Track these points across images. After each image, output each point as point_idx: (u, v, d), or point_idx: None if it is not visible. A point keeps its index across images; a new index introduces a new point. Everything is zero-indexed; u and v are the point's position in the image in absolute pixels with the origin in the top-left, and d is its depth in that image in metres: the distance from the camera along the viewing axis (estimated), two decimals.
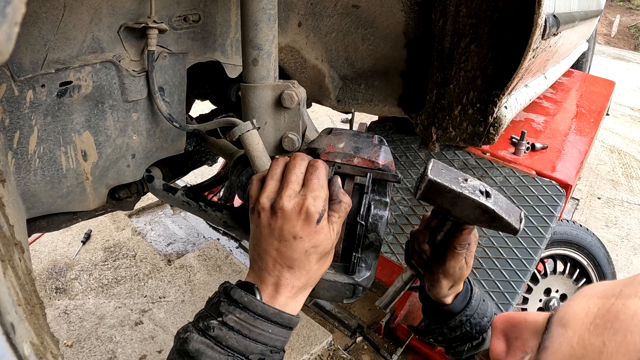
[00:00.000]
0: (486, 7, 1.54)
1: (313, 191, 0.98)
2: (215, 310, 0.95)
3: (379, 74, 1.91)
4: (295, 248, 0.97)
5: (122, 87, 1.35)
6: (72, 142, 1.33)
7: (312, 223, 0.97)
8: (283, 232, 0.97)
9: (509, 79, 1.57)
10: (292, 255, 0.98)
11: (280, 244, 0.98)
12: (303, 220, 0.96)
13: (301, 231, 0.97)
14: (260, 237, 1.01)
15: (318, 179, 0.99)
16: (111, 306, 3.29)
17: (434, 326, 1.42)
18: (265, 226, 0.99)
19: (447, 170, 1.08)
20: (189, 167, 1.95)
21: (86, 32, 1.23)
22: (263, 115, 1.36)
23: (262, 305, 0.94)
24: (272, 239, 0.99)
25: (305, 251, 0.98)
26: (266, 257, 1.00)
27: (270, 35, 1.30)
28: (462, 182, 1.07)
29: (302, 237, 0.97)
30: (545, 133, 2.72)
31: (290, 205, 0.97)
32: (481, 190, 1.07)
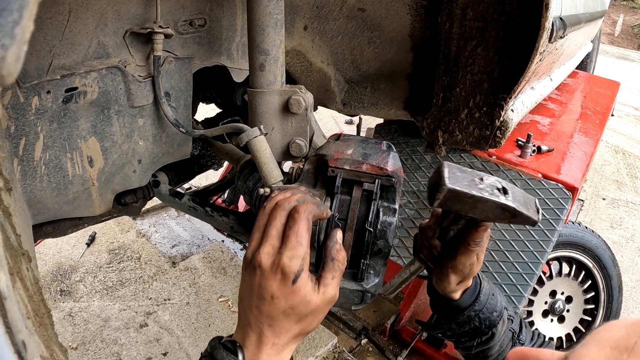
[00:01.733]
0: (493, 10, 1.53)
1: (289, 250, 0.94)
2: None
3: (385, 77, 1.90)
4: (273, 308, 0.95)
5: (128, 92, 1.34)
6: (78, 148, 1.32)
7: (287, 283, 0.94)
8: (261, 290, 0.95)
9: (515, 83, 1.56)
10: (271, 314, 0.96)
11: (259, 302, 0.96)
12: (279, 280, 0.94)
13: (278, 291, 0.94)
14: (243, 292, 1.01)
15: (296, 235, 0.95)
16: (116, 308, 3.30)
17: (442, 321, 1.40)
18: (247, 282, 0.99)
19: (462, 173, 1.04)
20: (194, 171, 1.95)
21: (92, 37, 1.23)
22: (270, 120, 1.35)
23: None
24: (252, 296, 0.97)
25: (283, 311, 0.95)
26: (248, 313, 0.98)
27: (277, 40, 1.29)
28: (479, 182, 1.03)
29: (279, 297, 0.94)
30: (551, 135, 2.71)
31: (268, 262, 0.95)
32: (498, 187, 1.03)
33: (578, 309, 2.99)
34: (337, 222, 1.09)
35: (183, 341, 3.08)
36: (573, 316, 2.99)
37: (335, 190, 1.08)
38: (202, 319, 3.25)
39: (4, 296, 0.56)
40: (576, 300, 2.96)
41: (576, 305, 2.98)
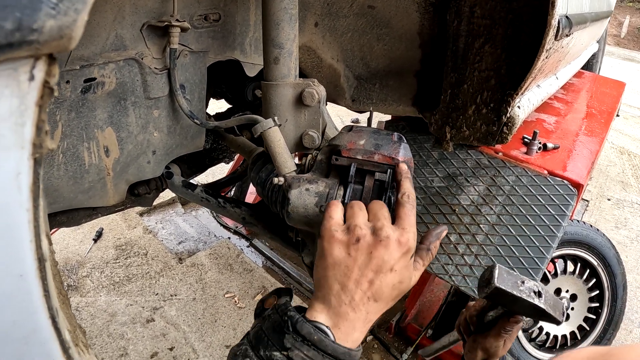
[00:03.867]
0: (500, 8, 1.55)
1: (413, 226, 0.97)
2: (278, 341, 0.89)
3: (394, 74, 1.92)
4: (389, 281, 0.94)
5: (145, 84, 1.37)
6: (95, 138, 1.35)
7: (408, 257, 0.96)
8: (382, 263, 0.93)
9: (522, 79, 1.58)
10: (383, 288, 0.94)
11: (375, 276, 0.93)
12: (403, 253, 0.94)
13: (397, 264, 0.94)
14: (353, 266, 0.95)
15: (414, 215, 0.99)
16: (123, 304, 3.32)
17: None
18: (364, 254, 0.94)
19: (508, 275, 1.19)
20: (206, 164, 1.98)
21: (109, 30, 1.26)
22: (284, 112, 1.38)
23: (332, 345, 0.88)
24: (368, 269, 0.94)
25: (393, 285, 0.95)
26: (356, 289, 0.94)
27: (291, 34, 1.32)
28: (520, 284, 1.18)
29: (397, 271, 0.94)
30: (557, 133, 2.73)
31: (395, 235, 0.94)
32: (535, 291, 1.18)
33: (582, 307, 3.00)
34: None
35: (189, 336, 3.10)
36: (577, 314, 3.00)
37: (350, 180, 1.10)
38: (208, 315, 3.27)
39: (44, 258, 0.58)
40: (581, 298, 2.98)
41: (581, 304, 2.99)
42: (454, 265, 2.02)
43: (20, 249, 0.55)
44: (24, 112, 0.48)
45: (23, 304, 0.59)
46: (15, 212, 0.53)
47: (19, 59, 0.46)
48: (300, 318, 0.90)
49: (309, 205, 1.11)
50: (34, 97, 0.49)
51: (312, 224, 1.13)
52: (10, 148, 0.49)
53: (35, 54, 0.46)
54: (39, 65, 0.47)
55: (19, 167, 0.51)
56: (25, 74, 0.47)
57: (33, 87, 0.48)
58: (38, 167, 0.52)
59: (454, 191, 2.20)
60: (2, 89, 0.46)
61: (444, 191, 2.21)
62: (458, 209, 2.14)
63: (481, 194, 2.17)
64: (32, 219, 0.55)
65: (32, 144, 0.50)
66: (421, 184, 2.24)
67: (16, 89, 0.47)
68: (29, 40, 0.44)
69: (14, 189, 0.51)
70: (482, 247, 2.03)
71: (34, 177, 0.52)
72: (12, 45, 0.44)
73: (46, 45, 0.45)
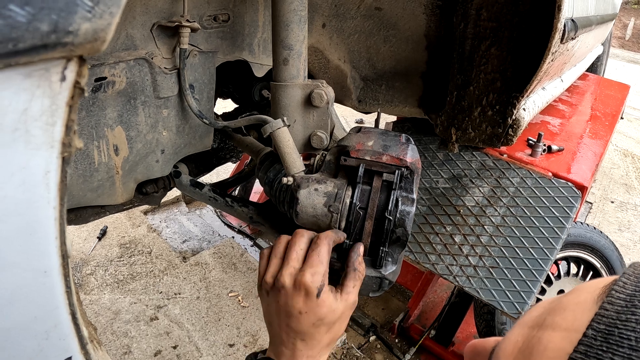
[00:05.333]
0: (507, 11, 1.56)
1: (312, 267, 1.02)
2: None
3: (400, 75, 1.93)
4: (303, 322, 1.02)
5: (154, 83, 1.38)
6: (105, 137, 1.36)
7: (312, 297, 1.01)
8: (288, 308, 1.02)
9: (528, 82, 1.59)
10: (302, 329, 1.02)
11: (288, 319, 1.03)
12: (304, 296, 1.01)
13: (304, 306, 1.01)
14: (271, 313, 1.07)
15: (318, 255, 1.03)
16: (126, 302, 3.33)
17: None
18: (273, 303, 1.05)
19: None
20: (213, 163, 1.99)
21: (120, 29, 1.27)
22: (293, 113, 1.39)
23: None
24: (280, 315, 1.04)
25: (313, 324, 1.02)
26: (280, 332, 1.05)
27: (300, 35, 1.33)
28: None
29: (307, 312, 1.01)
30: (561, 135, 2.73)
31: (289, 282, 1.02)
32: None
33: None
34: (358, 211, 1.13)
35: (193, 335, 3.11)
36: None
37: (358, 180, 1.12)
38: (212, 313, 3.28)
39: (68, 254, 0.59)
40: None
41: None
42: (458, 266, 2.03)
43: (46, 245, 0.57)
44: (55, 112, 0.50)
45: (45, 299, 0.60)
46: (43, 209, 0.54)
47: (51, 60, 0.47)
48: None
49: (318, 205, 1.13)
50: (65, 98, 0.50)
51: (320, 223, 1.14)
52: (40, 147, 0.50)
53: (69, 55, 0.47)
54: (71, 66, 0.49)
55: (48, 166, 0.52)
56: (57, 75, 0.48)
57: (64, 87, 0.49)
58: (66, 166, 0.54)
59: (458, 192, 2.21)
60: (34, 89, 0.47)
61: (449, 192, 2.22)
62: (462, 210, 2.15)
63: (486, 196, 2.18)
64: (59, 216, 0.56)
65: (62, 143, 0.51)
66: (426, 185, 2.25)
67: (48, 89, 0.48)
68: (63, 42, 0.46)
69: (42, 187, 0.53)
70: (486, 248, 2.04)
71: (62, 176, 0.54)
72: (47, 47, 0.45)
73: (80, 47, 0.47)
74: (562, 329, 0.51)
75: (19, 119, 0.48)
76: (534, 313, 0.58)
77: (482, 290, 1.96)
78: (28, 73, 0.46)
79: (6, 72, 0.44)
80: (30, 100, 0.47)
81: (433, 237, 2.11)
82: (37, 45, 0.44)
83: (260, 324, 3.19)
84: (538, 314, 0.57)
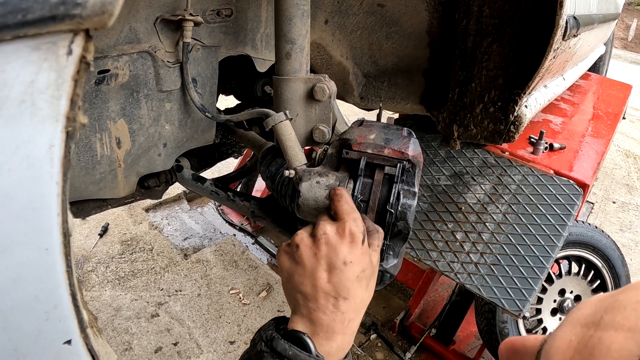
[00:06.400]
0: (509, 8, 1.56)
1: (349, 213, 0.98)
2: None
3: (402, 72, 1.94)
4: (347, 274, 0.93)
5: (157, 77, 1.39)
6: (107, 129, 1.36)
7: (358, 244, 0.96)
8: (331, 260, 0.94)
9: (530, 79, 1.59)
10: (346, 283, 0.94)
11: (331, 275, 0.94)
12: (349, 242, 0.95)
13: (349, 255, 0.94)
14: (303, 273, 0.96)
15: (347, 203, 1.01)
16: (127, 298, 3.33)
17: None
18: (309, 258, 0.96)
19: None
20: (215, 158, 1.99)
21: (124, 23, 1.27)
22: (295, 107, 1.39)
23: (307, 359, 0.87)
24: (320, 271, 0.94)
25: (357, 277, 0.94)
26: (317, 293, 0.94)
27: (303, 30, 1.34)
28: None
29: (352, 262, 0.94)
30: (563, 134, 2.74)
31: (332, 229, 0.96)
32: None
33: None
34: (360, 204, 1.13)
35: (194, 332, 3.11)
36: None
37: (359, 173, 1.12)
38: (213, 311, 3.28)
39: (69, 233, 0.59)
40: (585, 299, 2.97)
41: None
42: (459, 263, 2.03)
43: (47, 222, 0.56)
44: (61, 85, 0.49)
45: (46, 278, 0.60)
46: (46, 184, 0.54)
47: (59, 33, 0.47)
48: (276, 335, 0.90)
49: (320, 197, 1.13)
50: (71, 72, 0.50)
51: None
52: (45, 120, 0.50)
53: (77, 28, 0.47)
54: (77, 40, 0.49)
55: (52, 140, 0.52)
56: (64, 48, 0.48)
57: (70, 61, 0.49)
58: (70, 141, 0.53)
59: (460, 189, 2.21)
60: (41, 62, 0.47)
61: (451, 189, 2.22)
62: (464, 207, 2.15)
63: (487, 193, 2.18)
64: (61, 192, 0.56)
65: (66, 117, 0.51)
66: (428, 182, 2.25)
67: (54, 62, 0.48)
68: (71, 14, 0.46)
69: (46, 161, 0.52)
70: (488, 245, 2.04)
71: (66, 151, 0.53)
72: (55, 18, 0.45)
73: (88, 20, 0.47)
74: (626, 329, 0.49)
75: (26, 91, 0.48)
76: (584, 311, 0.56)
77: (484, 288, 1.96)
78: (35, 46, 0.46)
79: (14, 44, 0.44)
80: (37, 73, 0.47)
81: (434, 234, 2.11)
82: (46, 17, 0.44)
83: (262, 322, 3.19)
84: (590, 312, 0.55)
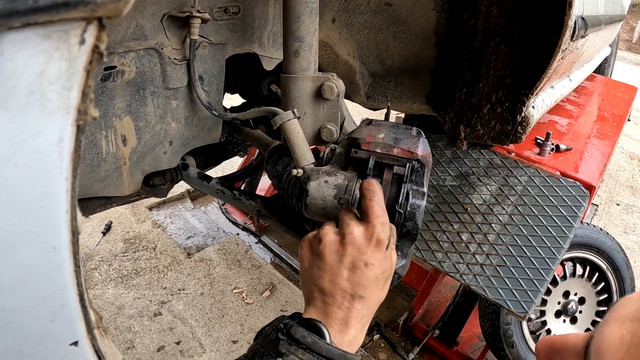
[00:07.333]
0: (517, 8, 1.55)
1: (378, 217, 0.99)
2: (273, 349, 0.88)
3: (409, 72, 1.93)
4: (367, 275, 0.96)
5: (164, 74, 1.38)
6: (113, 127, 1.35)
7: (382, 249, 0.97)
8: (355, 261, 0.96)
9: (538, 79, 1.58)
10: (365, 283, 0.96)
11: (351, 274, 0.96)
12: (374, 246, 0.96)
13: (372, 258, 0.96)
14: (324, 268, 0.98)
15: (379, 205, 1.00)
16: (130, 297, 3.33)
17: None
18: (332, 254, 0.98)
19: None
20: (221, 157, 1.98)
21: (130, 19, 1.26)
22: (303, 105, 1.38)
23: (326, 347, 0.88)
24: (341, 268, 0.96)
25: (376, 278, 0.97)
26: (335, 289, 0.97)
27: (311, 28, 1.33)
28: None
29: (374, 264, 0.96)
30: (569, 135, 2.72)
31: (360, 230, 0.97)
32: None
33: (590, 311, 2.99)
34: None
35: (196, 330, 3.10)
36: (585, 317, 2.99)
37: (368, 172, 1.11)
38: (215, 310, 3.28)
39: (78, 231, 0.58)
40: (589, 301, 2.96)
41: (589, 307, 2.98)
42: (464, 264, 2.02)
43: (56, 219, 0.55)
44: (72, 76, 0.48)
45: (53, 278, 0.58)
46: (55, 179, 0.53)
47: (71, 21, 0.45)
48: (294, 323, 0.91)
49: (328, 197, 1.12)
50: (83, 62, 0.48)
51: (329, 216, 1.13)
52: (55, 112, 0.49)
53: (90, 16, 0.45)
54: (90, 29, 0.47)
55: (62, 133, 0.50)
56: (76, 37, 0.46)
57: (83, 51, 0.48)
58: (80, 135, 0.52)
59: (466, 190, 2.20)
60: (52, 51, 0.45)
61: (457, 190, 2.21)
62: (470, 208, 2.14)
63: (493, 194, 2.17)
64: (70, 188, 0.54)
65: (77, 109, 0.49)
66: (434, 183, 2.24)
67: (66, 52, 0.47)
68: (85, 1, 0.44)
69: (55, 156, 0.51)
70: (494, 246, 2.03)
71: (76, 145, 0.52)
72: (68, 5, 0.43)
73: (102, 8, 0.45)
74: None
75: (35, 82, 0.46)
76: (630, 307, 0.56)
77: (489, 289, 1.95)
78: (46, 34, 0.45)
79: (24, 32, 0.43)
80: (47, 63, 0.46)
81: (440, 235, 2.10)
82: (59, 3, 0.43)
83: (265, 322, 3.18)
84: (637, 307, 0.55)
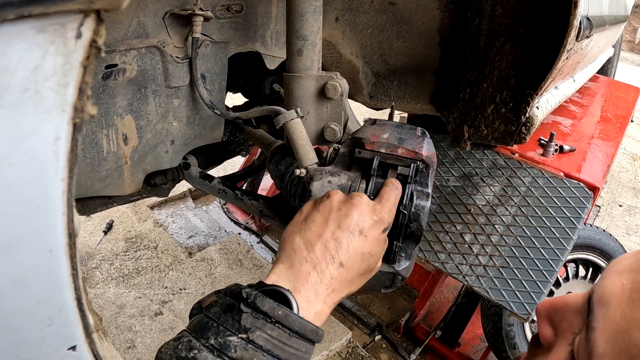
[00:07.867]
0: (522, 7, 1.54)
1: (389, 202, 1.00)
2: (234, 323, 0.75)
3: (412, 72, 1.92)
4: (357, 245, 0.91)
5: (166, 72, 1.37)
6: (114, 125, 1.34)
7: (380, 227, 0.96)
8: (351, 220, 0.92)
9: (542, 79, 1.57)
10: (350, 251, 0.90)
11: (339, 231, 0.91)
12: (375, 221, 0.95)
13: (369, 229, 0.94)
14: (316, 219, 0.94)
15: (396, 198, 1.02)
16: (131, 296, 3.32)
17: None
18: (333, 209, 0.95)
19: None
20: (223, 156, 1.97)
21: (132, 17, 1.25)
22: (306, 105, 1.37)
23: (299, 321, 0.78)
24: (332, 222, 0.92)
25: (362, 253, 0.92)
26: (317, 243, 0.89)
27: (315, 26, 1.32)
28: None
29: (367, 237, 0.93)
30: (573, 136, 2.71)
31: (367, 200, 0.98)
32: None
33: None
34: None
35: None
36: None
37: (372, 173, 1.10)
38: None
39: (75, 233, 0.57)
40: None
41: None
42: (467, 265, 2.01)
43: (52, 221, 0.53)
44: (68, 71, 0.46)
45: (50, 281, 0.56)
46: (51, 180, 0.51)
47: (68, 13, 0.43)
48: (258, 293, 0.78)
49: None
50: (80, 57, 0.46)
51: None
52: (50, 110, 0.47)
53: (87, 8, 0.43)
54: (88, 22, 0.45)
55: (58, 132, 0.49)
56: (73, 31, 0.44)
57: (80, 45, 0.46)
58: (77, 134, 0.50)
59: (469, 191, 2.19)
60: (47, 45, 0.43)
61: (460, 191, 2.20)
62: (473, 209, 2.13)
63: (497, 195, 2.16)
64: (67, 189, 0.53)
65: (74, 107, 0.48)
66: (437, 183, 2.24)
67: (62, 46, 0.45)
68: None
69: (51, 155, 0.49)
70: (497, 247, 2.02)
71: (72, 144, 0.50)
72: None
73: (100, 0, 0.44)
74: None
75: (29, 78, 0.44)
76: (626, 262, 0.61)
77: (492, 290, 1.94)
78: (41, 27, 0.43)
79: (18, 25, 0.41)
80: (43, 58, 0.44)
81: (443, 236, 2.09)
82: None
83: None
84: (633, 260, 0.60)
